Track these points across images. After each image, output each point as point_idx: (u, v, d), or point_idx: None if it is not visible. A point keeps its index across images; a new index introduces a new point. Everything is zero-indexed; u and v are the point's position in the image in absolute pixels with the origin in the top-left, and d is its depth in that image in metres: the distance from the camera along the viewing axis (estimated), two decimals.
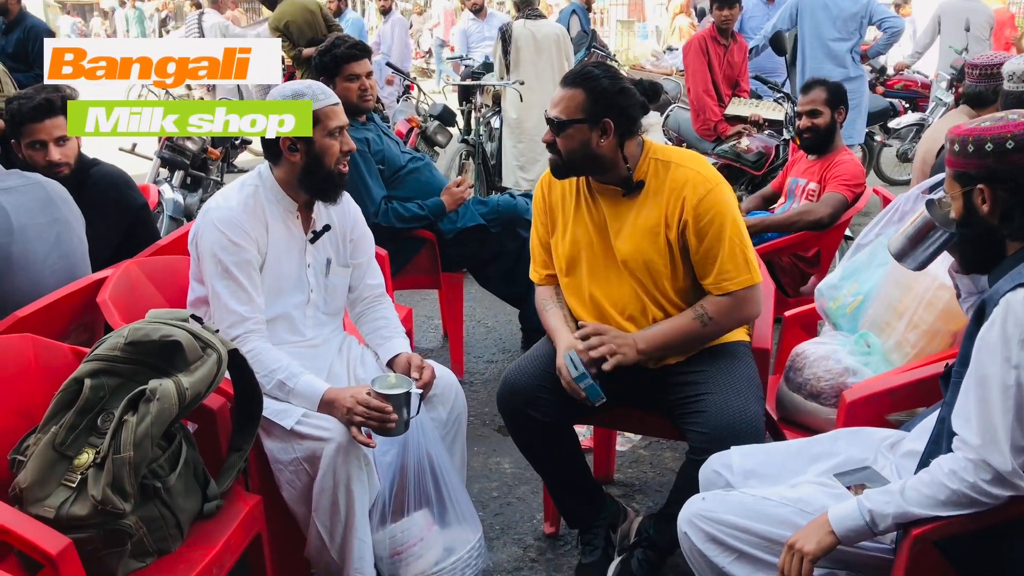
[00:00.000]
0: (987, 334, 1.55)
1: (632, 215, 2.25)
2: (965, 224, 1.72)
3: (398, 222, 3.54)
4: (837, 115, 3.59)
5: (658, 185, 2.23)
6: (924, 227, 1.87)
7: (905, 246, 1.92)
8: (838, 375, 2.29)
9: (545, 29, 5.91)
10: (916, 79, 8.36)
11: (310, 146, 2.24)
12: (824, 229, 3.43)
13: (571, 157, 2.22)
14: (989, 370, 1.53)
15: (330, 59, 3.45)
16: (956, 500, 1.54)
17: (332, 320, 2.47)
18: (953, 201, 1.74)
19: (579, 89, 2.18)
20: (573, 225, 2.34)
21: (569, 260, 2.36)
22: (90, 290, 2.40)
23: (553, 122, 2.21)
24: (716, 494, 1.88)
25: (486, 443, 3.31)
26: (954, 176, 1.72)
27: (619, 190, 2.26)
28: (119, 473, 1.72)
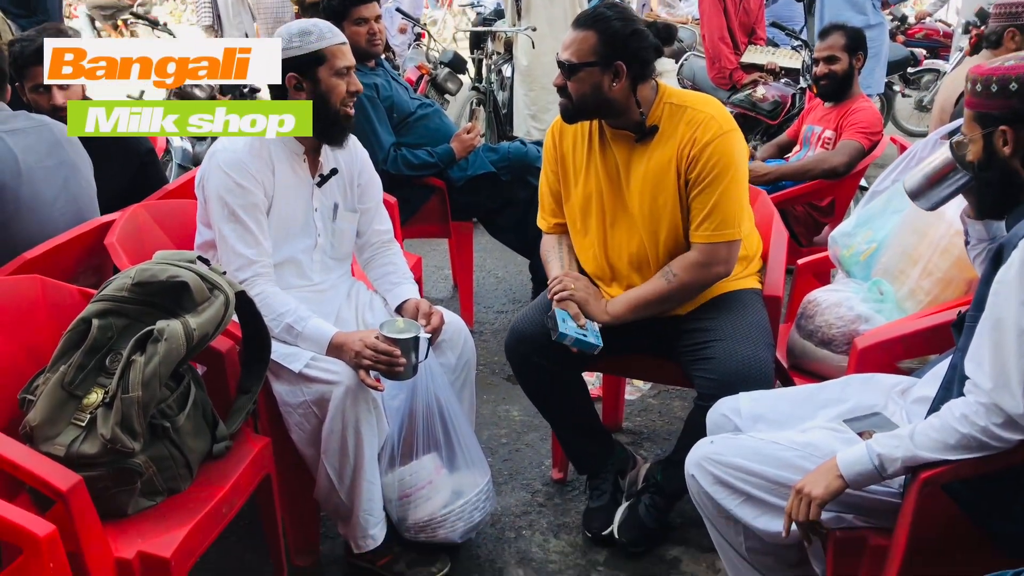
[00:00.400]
0: (1004, 277, 1.51)
1: (645, 159, 2.21)
2: (984, 167, 1.68)
3: (407, 169, 3.50)
4: (855, 61, 3.51)
5: (672, 128, 2.18)
6: (944, 167, 1.82)
7: (922, 184, 1.87)
8: (850, 322, 2.27)
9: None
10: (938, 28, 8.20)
11: (315, 85, 2.21)
12: (839, 178, 3.38)
13: (582, 101, 2.18)
14: (1005, 313, 1.50)
15: (338, 2, 3.38)
16: (966, 444, 1.53)
17: (340, 265, 2.46)
18: (972, 143, 1.69)
19: (591, 31, 2.13)
20: (585, 174, 2.31)
21: (581, 209, 2.33)
22: (98, 233, 2.39)
23: (564, 65, 2.17)
24: (724, 437, 1.87)
25: (495, 391, 3.31)
26: (974, 117, 1.67)
27: (632, 135, 2.22)
28: (128, 412, 1.72)
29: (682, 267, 2.19)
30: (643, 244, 2.25)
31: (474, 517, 2.27)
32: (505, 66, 6.36)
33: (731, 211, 2.15)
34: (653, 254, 2.25)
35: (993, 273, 1.56)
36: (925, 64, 7.34)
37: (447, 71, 5.54)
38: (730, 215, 2.15)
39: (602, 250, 2.32)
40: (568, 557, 2.39)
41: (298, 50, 2.19)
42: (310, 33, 2.20)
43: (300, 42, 2.19)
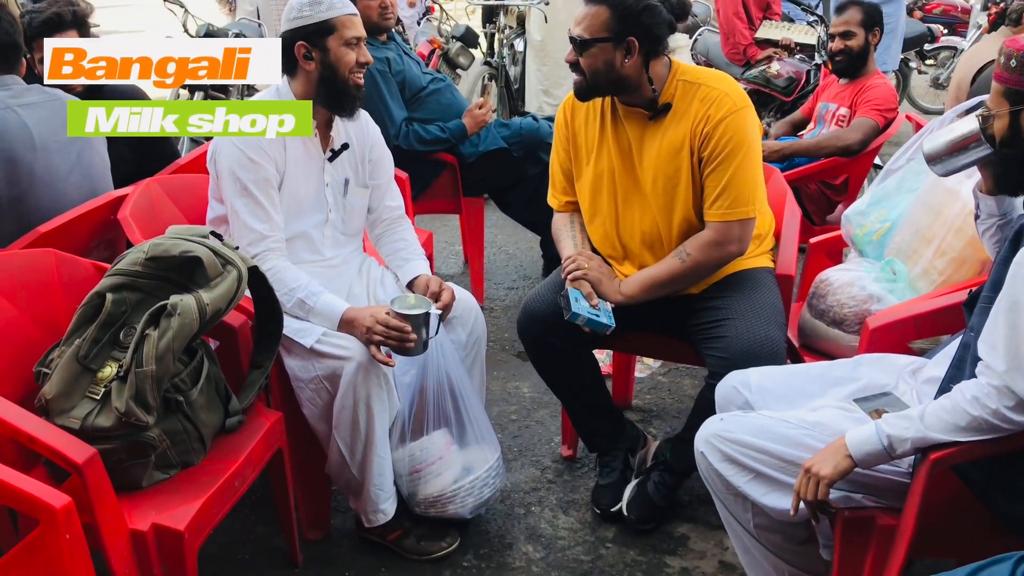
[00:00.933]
0: (1022, 259, 1.50)
1: (658, 137, 2.20)
2: (1007, 144, 1.65)
3: (419, 144, 3.50)
4: (871, 37, 3.47)
5: (685, 106, 2.17)
6: (968, 138, 1.78)
7: (942, 150, 1.82)
8: (862, 302, 2.26)
9: None
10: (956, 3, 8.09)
11: (325, 55, 2.20)
12: (853, 155, 3.36)
13: (595, 78, 2.16)
14: (1022, 296, 1.49)
15: None
16: (977, 426, 1.53)
17: (351, 241, 2.47)
18: (997, 118, 1.66)
19: (603, 6, 2.11)
20: (597, 151, 2.30)
21: (593, 187, 2.32)
22: (111, 207, 2.40)
23: (576, 41, 2.15)
24: (734, 415, 1.87)
25: (505, 368, 3.33)
26: (1003, 92, 1.64)
27: (645, 113, 2.21)
28: (142, 386, 1.74)
29: (696, 246, 2.19)
30: (656, 223, 2.25)
31: (484, 493, 2.28)
32: (517, 41, 6.31)
33: (745, 188, 2.14)
34: (666, 233, 2.24)
35: (1011, 255, 1.55)
36: (942, 41, 7.25)
37: (459, 45, 5.50)
38: (744, 192, 2.14)
39: (614, 229, 2.32)
40: (577, 533, 2.41)
41: (308, 19, 2.18)
42: (320, 3, 2.19)
43: (310, 11, 2.18)
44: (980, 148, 1.77)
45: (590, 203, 2.35)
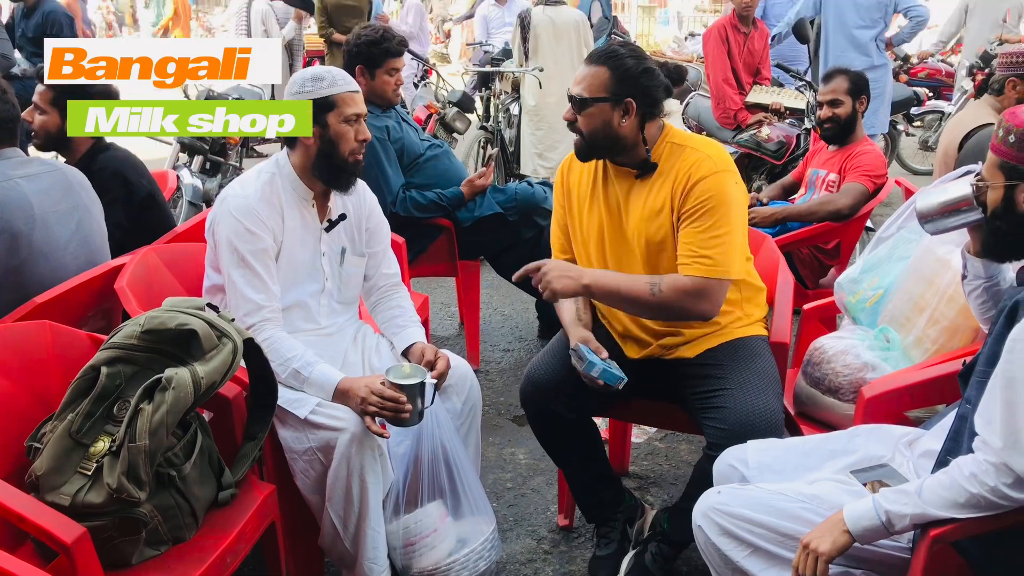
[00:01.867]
0: (1019, 335, 1.51)
1: (644, 196, 2.23)
2: (1000, 216, 1.68)
3: (416, 211, 3.53)
4: (859, 105, 3.54)
5: (670, 167, 2.20)
6: (960, 201, 1.81)
7: (934, 210, 1.85)
8: (857, 370, 2.27)
9: (564, 15, 5.86)
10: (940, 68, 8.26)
11: (324, 130, 2.24)
12: (845, 220, 3.40)
13: (592, 137, 2.20)
14: (1019, 373, 1.49)
15: (379, 52, 3.43)
16: (976, 503, 1.52)
17: (347, 309, 2.47)
18: (992, 189, 1.68)
19: (603, 67, 2.16)
20: (588, 209, 2.33)
21: (584, 243, 2.35)
22: (108, 277, 2.41)
23: (576, 99, 2.19)
24: (732, 488, 1.86)
25: (501, 433, 3.30)
26: (1000, 165, 1.66)
27: (633, 171, 2.25)
28: (134, 461, 1.72)
29: (671, 286, 2.12)
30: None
31: (479, 566, 2.25)
32: (512, 105, 6.42)
33: (721, 249, 2.11)
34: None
35: (1005, 331, 1.55)
36: (928, 104, 7.39)
37: (455, 110, 5.60)
38: (721, 253, 2.11)
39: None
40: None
41: (309, 94, 2.22)
42: (322, 79, 2.23)
43: (312, 87, 2.23)
44: (971, 212, 1.80)
45: (582, 260, 2.38)
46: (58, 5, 5.64)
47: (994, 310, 1.90)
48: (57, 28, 5.35)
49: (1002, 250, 1.76)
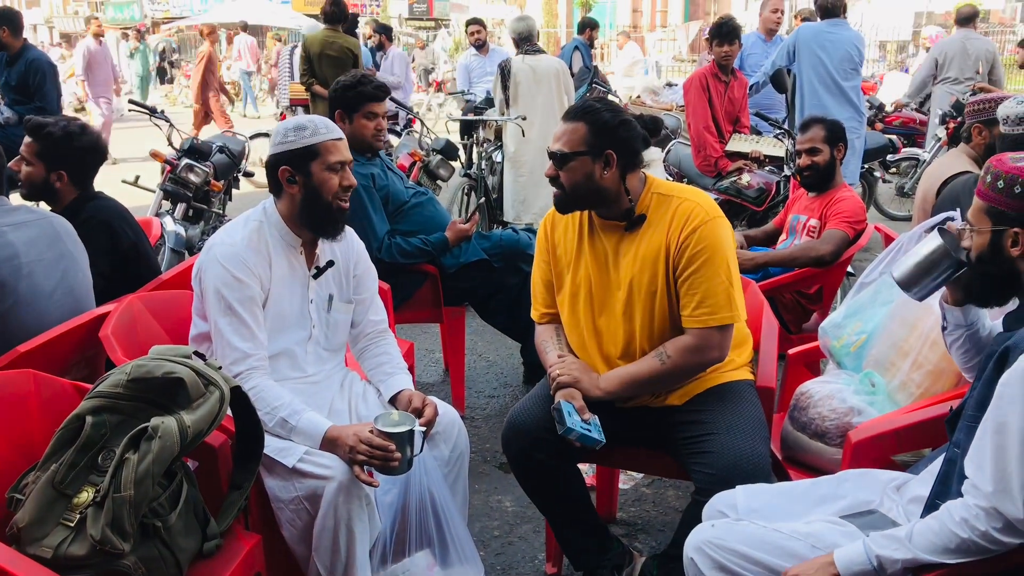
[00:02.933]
0: (1010, 380, 1.53)
1: (634, 248, 2.25)
2: (986, 261, 1.70)
3: (401, 257, 3.54)
4: (836, 152, 3.60)
5: (660, 217, 2.23)
6: (934, 257, 1.83)
7: (912, 275, 1.87)
8: (843, 415, 2.28)
9: (544, 64, 5.94)
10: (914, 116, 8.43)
11: (308, 179, 2.25)
12: (826, 266, 3.43)
13: (575, 190, 2.22)
14: (1010, 418, 1.50)
15: (354, 95, 3.46)
16: (966, 548, 1.52)
17: (334, 356, 2.46)
18: (978, 235, 1.70)
19: (580, 123, 2.20)
20: (575, 263, 2.35)
21: (571, 297, 2.36)
22: (92, 325, 2.39)
23: (556, 156, 2.22)
24: (726, 522, 1.86)
25: (487, 480, 3.28)
26: (986, 210, 1.69)
27: (621, 224, 2.27)
28: (119, 512, 1.69)
29: (676, 349, 2.20)
30: (633, 334, 2.27)
31: None
32: (495, 153, 6.49)
33: (722, 295, 2.17)
34: (644, 344, 2.27)
35: (995, 375, 1.57)
36: (903, 152, 7.54)
37: (439, 158, 5.65)
38: (721, 298, 2.16)
39: (593, 340, 2.34)
40: None
41: (292, 144, 2.24)
42: (304, 128, 2.25)
43: (295, 136, 2.24)
44: (949, 264, 1.81)
45: (569, 314, 2.38)
46: (41, 53, 5.67)
47: (977, 357, 1.93)
48: (40, 76, 5.37)
49: (988, 295, 1.77)
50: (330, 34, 6.99)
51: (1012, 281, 1.68)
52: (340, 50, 6.94)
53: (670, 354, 2.21)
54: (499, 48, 9.78)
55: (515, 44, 6.14)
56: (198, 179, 5.38)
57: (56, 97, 5.56)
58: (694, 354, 2.20)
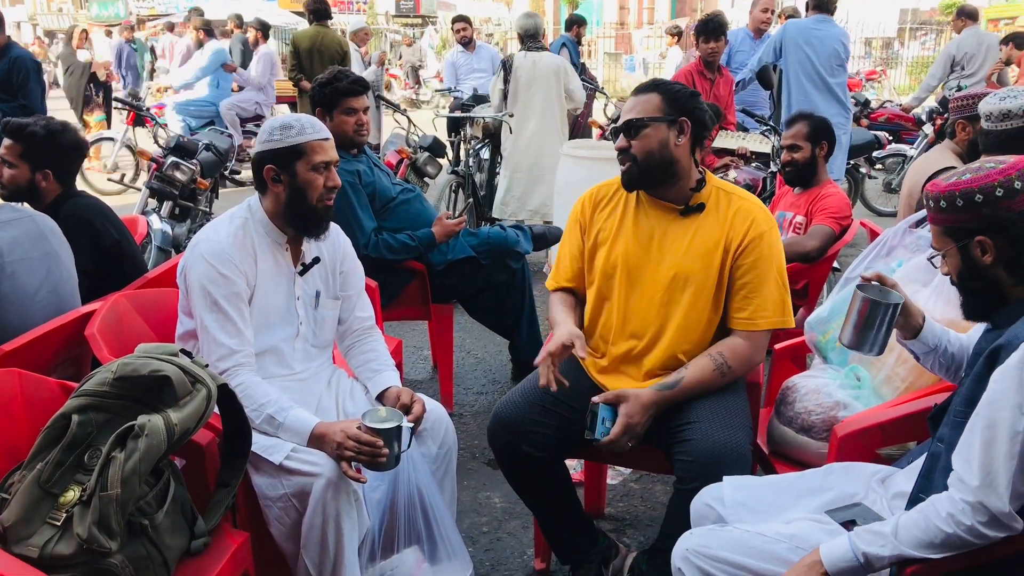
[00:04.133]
0: (1002, 378, 1.54)
1: (689, 234, 2.27)
2: (967, 277, 1.72)
3: (388, 253, 3.54)
4: (819, 150, 3.61)
5: (719, 211, 2.28)
6: (869, 311, 1.85)
7: (859, 335, 1.89)
8: (829, 409, 2.29)
9: (545, 61, 5.89)
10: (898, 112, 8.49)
11: (293, 178, 2.24)
12: (812, 262, 3.45)
13: (648, 160, 2.23)
14: (999, 415, 1.52)
15: (330, 92, 3.45)
16: (951, 543, 1.54)
17: (321, 353, 2.46)
18: (949, 257, 1.73)
19: (654, 93, 2.24)
20: (614, 238, 2.35)
21: (604, 274, 2.36)
22: (77, 324, 2.38)
23: (632, 123, 2.23)
24: (710, 529, 1.87)
25: (476, 477, 3.28)
26: (945, 232, 1.72)
27: (677, 208, 2.29)
28: (106, 511, 1.69)
29: (735, 357, 2.23)
30: (666, 320, 2.28)
31: None
32: (483, 150, 6.49)
33: (778, 300, 2.25)
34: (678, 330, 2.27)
35: (985, 373, 1.58)
36: (889, 148, 7.58)
37: (427, 155, 5.64)
38: (778, 303, 2.24)
39: (621, 318, 2.34)
40: None
41: (278, 143, 2.23)
42: (291, 127, 2.24)
43: (280, 135, 2.23)
44: (883, 311, 1.84)
45: (599, 291, 2.38)
46: (24, 51, 5.61)
47: (957, 369, 1.96)
48: (24, 74, 5.32)
49: (979, 308, 1.78)
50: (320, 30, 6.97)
51: (993, 288, 1.70)
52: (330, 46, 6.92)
53: (731, 365, 2.23)
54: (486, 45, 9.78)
55: (520, 40, 6.12)
56: (184, 177, 5.35)
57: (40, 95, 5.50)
58: (750, 359, 2.26)
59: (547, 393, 2.33)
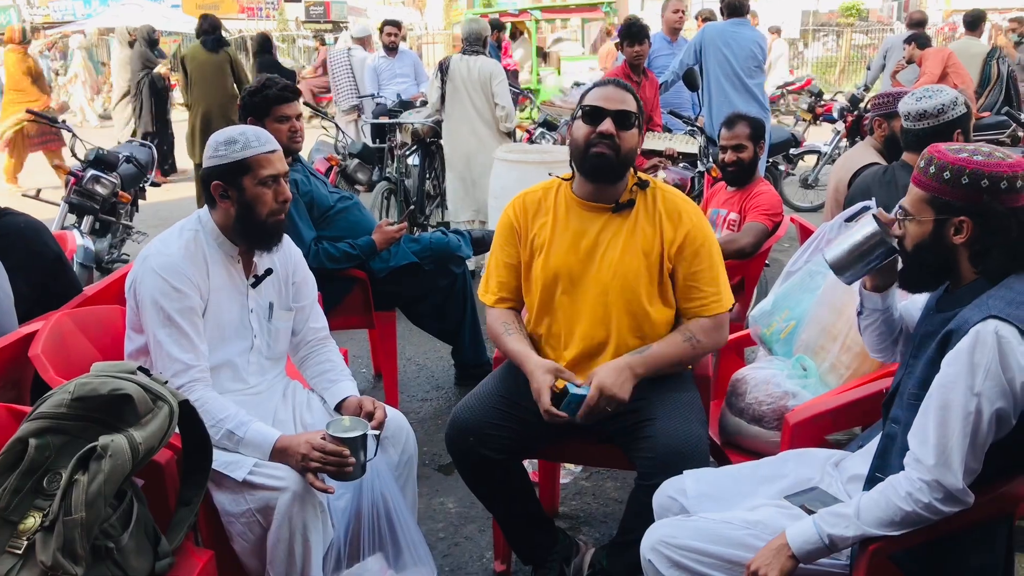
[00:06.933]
0: (953, 361, 1.61)
1: (624, 233, 2.30)
2: (924, 249, 1.73)
3: (329, 263, 3.50)
4: (759, 149, 3.74)
5: (648, 205, 2.32)
6: (868, 242, 1.85)
7: (848, 259, 1.89)
8: (779, 398, 2.38)
9: (479, 65, 5.86)
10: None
11: (240, 194, 2.19)
12: (747, 258, 3.56)
13: (628, 153, 2.28)
14: (952, 396, 1.59)
15: (260, 100, 3.39)
16: (911, 520, 1.63)
17: (275, 365, 2.43)
18: (916, 224, 1.73)
19: (628, 93, 2.29)
20: (549, 246, 2.35)
21: (545, 282, 2.35)
22: (18, 345, 2.29)
23: (627, 115, 2.25)
24: (677, 520, 1.92)
25: (428, 483, 3.27)
26: (928, 200, 1.70)
27: (608, 207, 2.31)
28: (70, 536, 1.63)
29: (702, 331, 2.29)
30: (606, 316, 2.29)
31: None
32: (411, 156, 6.46)
33: (724, 282, 2.32)
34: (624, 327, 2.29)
35: (938, 357, 1.66)
36: (805, 145, 7.86)
37: (357, 162, 5.58)
38: (724, 285, 2.32)
39: (568, 324, 2.34)
40: None
41: (223, 159, 2.18)
42: (235, 142, 2.19)
43: (225, 151, 2.18)
44: (882, 249, 1.86)
45: (540, 299, 2.36)
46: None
47: (888, 339, 2.02)
48: None
49: (923, 281, 1.81)
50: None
51: (947, 267, 1.74)
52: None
53: (700, 338, 2.29)
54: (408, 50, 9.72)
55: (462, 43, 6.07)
56: (105, 191, 5.18)
57: None
58: (716, 333, 2.31)
59: (503, 396, 2.36)
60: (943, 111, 2.79)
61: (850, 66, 21.09)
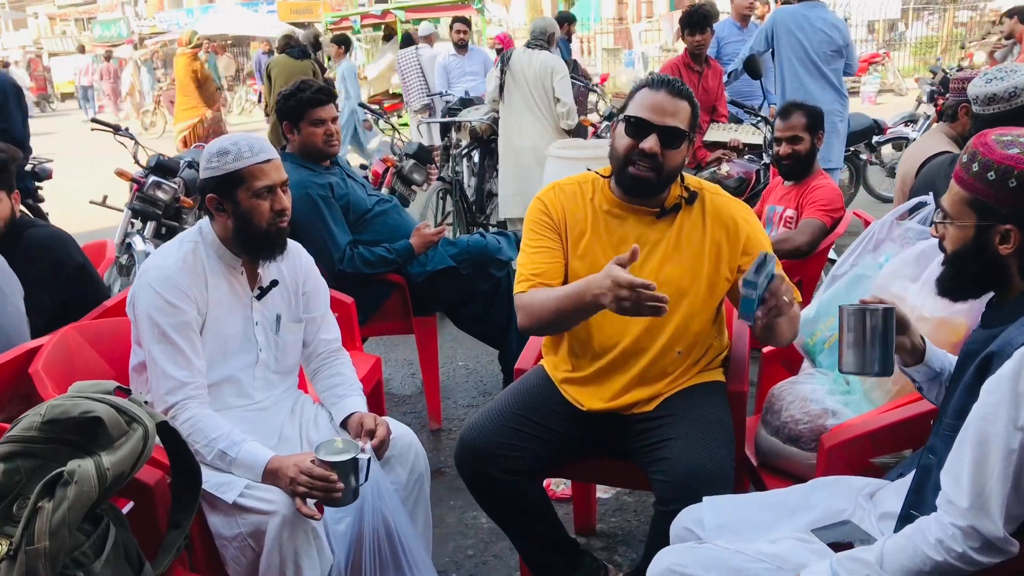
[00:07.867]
0: (994, 390, 1.38)
1: (669, 238, 2.15)
2: (969, 256, 1.53)
3: (365, 267, 3.42)
4: (816, 140, 3.48)
5: (695, 210, 2.16)
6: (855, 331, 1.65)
7: (852, 356, 1.68)
8: (816, 417, 2.16)
9: (539, 59, 5.75)
10: None
11: (236, 206, 2.11)
12: (804, 257, 3.32)
13: (672, 172, 2.10)
14: (991, 430, 1.37)
15: (294, 103, 3.34)
16: (942, 571, 1.40)
17: (284, 380, 2.34)
18: (957, 228, 1.53)
19: (686, 102, 2.08)
20: (587, 246, 2.18)
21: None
22: (25, 360, 2.27)
23: (675, 132, 2.05)
24: (688, 547, 1.75)
25: (463, 496, 3.14)
26: (970, 202, 1.50)
27: (653, 211, 2.16)
28: (32, 566, 1.57)
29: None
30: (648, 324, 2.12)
31: None
32: (474, 153, 6.36)
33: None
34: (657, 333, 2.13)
35: (976, 383, 1.44)
36: (890, 132, 7.40)
37: (412, 163, 5.52)
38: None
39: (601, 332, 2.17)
40: None
41: (215, 171, 2.10)
42: (227, 153, 2.09)
43: (218, 162, 2.10)
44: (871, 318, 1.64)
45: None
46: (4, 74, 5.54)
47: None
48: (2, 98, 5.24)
49: (964, 288, 1.61)
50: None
51: (992, 277, 1.52)
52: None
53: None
54: (479, 48, 9.66)
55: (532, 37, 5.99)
56: (166, 196, 5.26)
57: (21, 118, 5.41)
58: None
59: (516, 412, 2.23)
60: (1016, 95, 2.50)
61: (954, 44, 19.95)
